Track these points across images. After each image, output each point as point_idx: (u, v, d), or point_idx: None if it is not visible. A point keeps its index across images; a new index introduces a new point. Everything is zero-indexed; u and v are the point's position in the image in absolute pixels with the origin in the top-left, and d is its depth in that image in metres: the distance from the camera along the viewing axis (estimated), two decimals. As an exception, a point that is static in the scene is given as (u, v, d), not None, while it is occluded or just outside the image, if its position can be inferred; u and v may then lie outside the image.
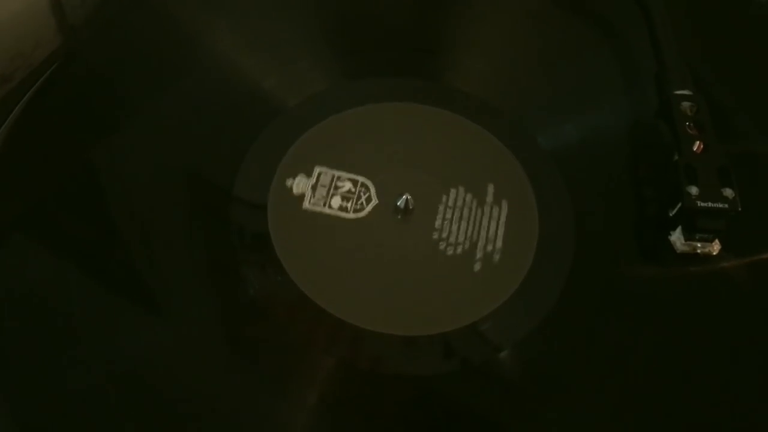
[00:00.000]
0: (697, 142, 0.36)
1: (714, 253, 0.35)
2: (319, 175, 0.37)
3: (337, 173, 0.37)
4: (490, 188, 0.37)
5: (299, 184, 0.37)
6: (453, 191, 0.37)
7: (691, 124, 0.36)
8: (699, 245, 0.35)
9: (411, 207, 0.36)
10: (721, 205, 0.34)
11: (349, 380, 0.32)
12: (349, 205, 0.36)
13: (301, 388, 0.32)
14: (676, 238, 0.35)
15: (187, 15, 0.42)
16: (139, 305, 0.33)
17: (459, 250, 0.35)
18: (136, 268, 0.34)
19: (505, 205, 0.37)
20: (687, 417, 0.32)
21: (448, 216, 0.36)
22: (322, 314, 0.33)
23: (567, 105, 0.40)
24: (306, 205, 0.36)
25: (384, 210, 0.36)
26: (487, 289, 0.34)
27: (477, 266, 0.35)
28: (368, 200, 0.36)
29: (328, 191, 0.37)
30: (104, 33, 0.42)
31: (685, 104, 0.37)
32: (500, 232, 0.36)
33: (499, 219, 0.36)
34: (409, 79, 0.41)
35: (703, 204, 0.34)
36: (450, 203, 0.37)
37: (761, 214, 0.36)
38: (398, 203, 0.36)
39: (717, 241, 0.35)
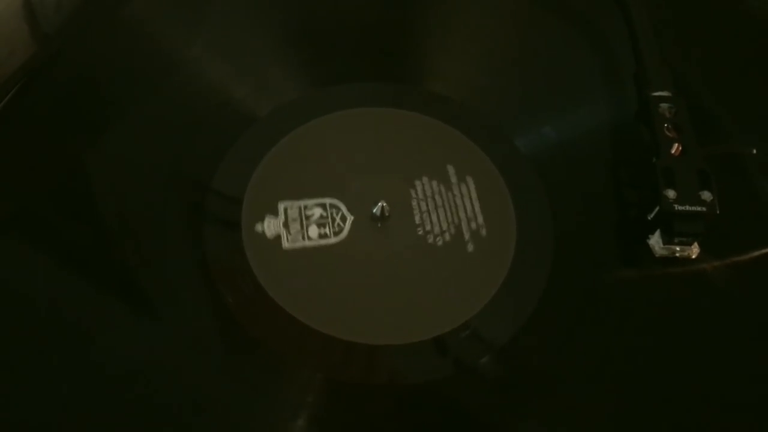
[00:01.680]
0: (676, 145, 0.36)
1: (693, 257, 0.35)
2: (286, 210, 0.36)
3: (302, 203, 0.36)
4: (450, 169, 0.37)
5: (270, 227, 0.35)
6: (418, 183, 0.37)
7: (670, 126, 0.36)
8: (678, 249, 0.35)
9: (387, 213, 0.36)
10: (699, 209, 0.34)
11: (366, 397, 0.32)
12: (327, 230, 0.36)
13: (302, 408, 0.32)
14: (655, 242, 0.35)
15: (159, 26, 0.42)
16: (126, 305, 0.33)
17: (447, 237, 0.35)
18: (125, 267, 0.34)
19: (471, 182, 0.37)
20: (671, 413, 0.32)
21: (424, 208, 0.36)
22: (334, 342, 0.33)
23: (546, 106, 0.40)
24: (285, 244, 0.35)
25: (363, 222, 0.36)
26: (482, 271, 0.35)
27: (470, 246, 0.35)
28: (343, 219, 0.36)
29: (301, 224, 0.36)
30: (79, 42, 0.42)
31: (664, 106, 0.37)
32: (477, 208, 0.36)
33: (471, 198, 0.36)
34: (379, 84, 0.41)
35: (680, 207, 0.34)
36: (420, 195, 0.36)
37: (740, 216, 0.36)
38: (374, 211, 0.36)
39: (696, 244, 0.35)
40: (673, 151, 0.35)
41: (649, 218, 0.35)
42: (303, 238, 0.35)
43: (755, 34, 0.43)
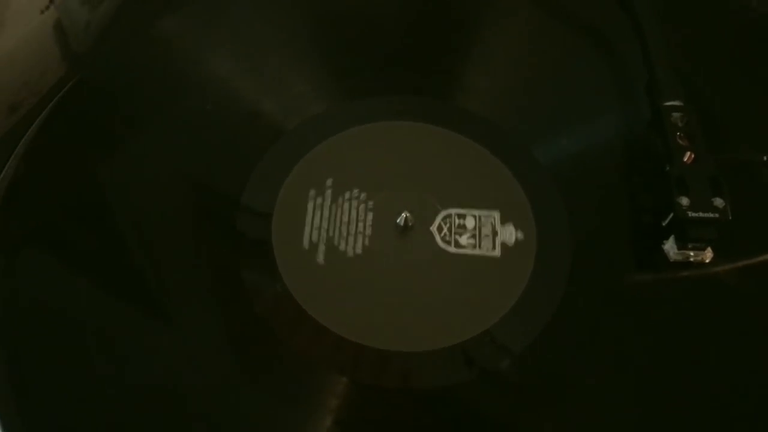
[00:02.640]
0: (688, 153, 0.36)
1: (707, 261, 0.36)
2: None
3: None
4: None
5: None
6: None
7: (682, 135, 0.37)
8: (692, 254, 0.36)
9: (410, 223, 0.37)
10: (711, 215, 0.35)
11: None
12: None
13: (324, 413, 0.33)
14: (669, 247, 0.36)
15: (187, 41, 0.43)
16: (148, 318, 0.35)
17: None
18: (144, 280, 0.35)
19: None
20: (689, 417, 0.33)
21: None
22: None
23: (560, 117, 0.41)
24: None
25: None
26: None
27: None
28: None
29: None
30: (109, 59, 0.43)
31: (676, 115, 0.37)
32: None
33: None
34: (406, 97, 0.42)
35: (693, 214, 0.35)
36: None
37: (753, 221, 0.37)
38: (398, 221, 0.37)
39: (710, 249, 0.36)
40: (685, 159, 0.36)
41: (663, 224, 0.36)
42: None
43: (764, 40, 0.44)
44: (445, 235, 0.37)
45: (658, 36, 0.40)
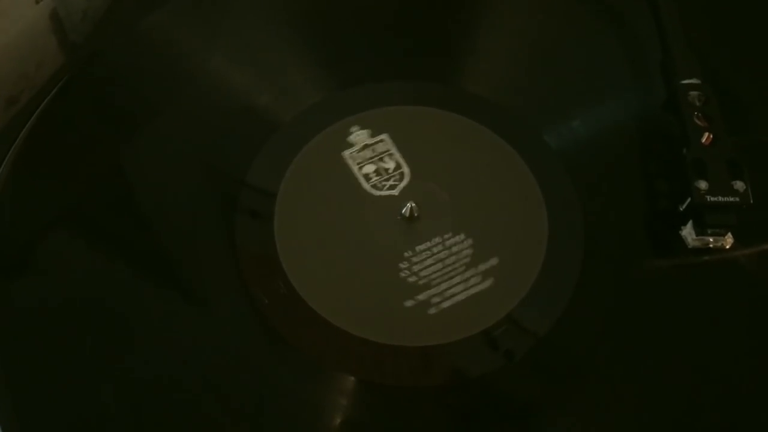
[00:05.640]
0: (706, 134, 0.35)
1: (727, 247, 0.35)
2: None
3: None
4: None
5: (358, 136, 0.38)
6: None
7: (700, 115, 0.36)
8: (711, 240, 0.34)
9: (416, 213, 0.36)
10: (731, 199, 0.33)
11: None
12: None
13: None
14: (687, 233, 0.35)
15: (186, 29, 0.42)
16: (174, 299, 0.34)
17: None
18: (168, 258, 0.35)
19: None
20: (709, 400, 0.32)
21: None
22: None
23: (572, 100, 0.40)
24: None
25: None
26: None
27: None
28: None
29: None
30: (106, 49, 0.42)
31: (693, 94, 0.36)
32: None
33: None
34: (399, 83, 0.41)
35: (712, 198, 0.33)
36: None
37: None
38: (403, 212, 0.36)
39: (730, 234, 0.35)
40: (703, 141, 0.35)
41: (680, 209, 0.35)
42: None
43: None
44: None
45: (673, 12, 0.39)
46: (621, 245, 0.36)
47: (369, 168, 0.37)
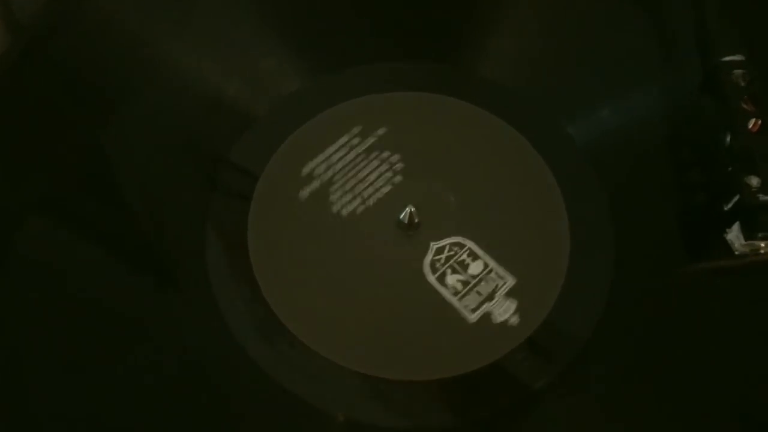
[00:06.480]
0: (753, 120, 0.31)
1: (781, 254, 0.31)
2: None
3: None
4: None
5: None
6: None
7: (746, 97, 0.32)
8: (763, 245, 0.30)
9: (416, 219, 0.32)
10: (788, 197, 0.30)
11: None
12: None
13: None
14: (734, 236, 0.31)
15: (142, 7, 0.39)
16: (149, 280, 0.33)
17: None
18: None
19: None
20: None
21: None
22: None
23: (596, 87, 0.37)
24: None
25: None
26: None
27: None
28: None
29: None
30: (55, 29, 0.39)
31: (737, 72, 0.33)
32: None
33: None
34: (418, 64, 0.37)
35: (765, 197, 0.30)
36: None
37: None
38: (401, 218, 0.32)
39: (785, 238, 0.31)
40: (750, 127, 0.31)
41: (725, 209, 0.31)
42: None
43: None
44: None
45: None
46: (654, 250, 0.32)
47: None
